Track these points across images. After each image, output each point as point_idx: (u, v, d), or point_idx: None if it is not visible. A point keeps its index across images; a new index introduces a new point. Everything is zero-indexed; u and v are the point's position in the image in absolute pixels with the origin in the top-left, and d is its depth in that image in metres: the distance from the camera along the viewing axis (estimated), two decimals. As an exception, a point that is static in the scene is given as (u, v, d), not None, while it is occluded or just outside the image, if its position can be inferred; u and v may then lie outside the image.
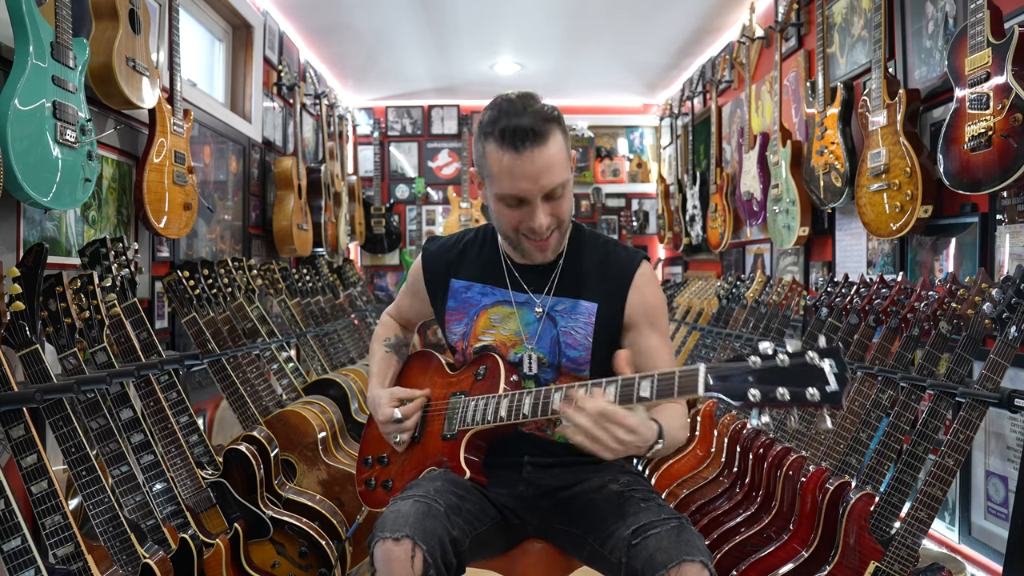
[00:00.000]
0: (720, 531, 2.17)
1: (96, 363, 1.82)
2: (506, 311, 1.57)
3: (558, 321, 1.54)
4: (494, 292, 1.59)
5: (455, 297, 1.62)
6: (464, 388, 1.56)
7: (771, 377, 1.08)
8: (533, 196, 1.39)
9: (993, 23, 1.89)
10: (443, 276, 1.64)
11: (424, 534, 1.28)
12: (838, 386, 1.04)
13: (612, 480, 1.53)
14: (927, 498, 1.70)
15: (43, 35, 1.75)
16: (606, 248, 1.59)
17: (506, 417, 1.42)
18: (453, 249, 1.66)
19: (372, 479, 1.63)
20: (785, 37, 3.47)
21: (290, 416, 2.60)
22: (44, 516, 1.44)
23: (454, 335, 1.62)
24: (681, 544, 1.26)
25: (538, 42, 4.55)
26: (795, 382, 1.06)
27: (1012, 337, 1.64)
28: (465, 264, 1.63)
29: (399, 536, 1.26)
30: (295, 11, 4.05)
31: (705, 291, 4.12)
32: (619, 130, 6.30)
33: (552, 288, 1.55)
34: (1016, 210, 2.07)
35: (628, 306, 1.52)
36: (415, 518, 1.30)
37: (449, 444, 1.51)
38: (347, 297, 4.51)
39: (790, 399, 1.06)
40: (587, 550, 1.45)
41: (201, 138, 3.07)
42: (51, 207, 1.78)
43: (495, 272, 1.60)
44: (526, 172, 1.37)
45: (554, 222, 1.44)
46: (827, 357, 1.05)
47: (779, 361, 1.08)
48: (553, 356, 1.54)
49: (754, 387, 1.09)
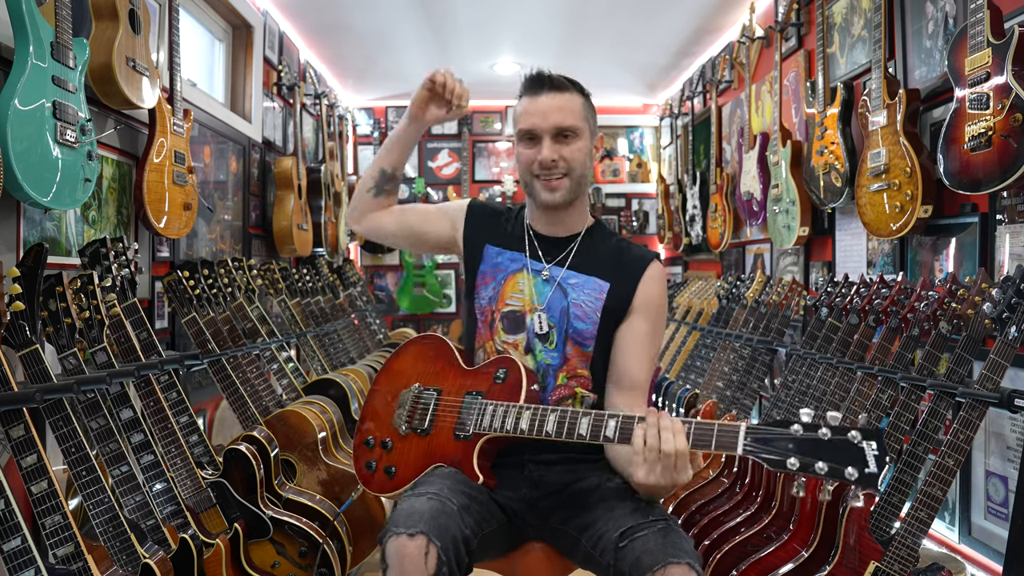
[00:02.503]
0: (720, 531, 2.17)
1: (96, 363, 1.82)
2: (526, 277, 1.65)
3: (569, 293, 1.60)
4: (520, 258, 1.67)
5: (487, 261, 1.69)
6: (481, 388, 1.55)
7: (811, 449, 1.12)
8: (542, 132, 1.55)
9: (993, 23, 1.89)
10: (482, 237, 1.72)
11: (439, 531, 1.28)
12: (876, 469, 1.08)
13: (608, 480, 1.53)
14: (927, 498, 1.70)
15: (43, 35, 1.75)
16: (621, 243, 1.68)
17: (527, 431, 1.41)
18: (494, 216, 1.75)
19: (373, 462, 1.59)
20: (785, 37, 3.47)
21: (290, 416, 2.60)
22: (44, 516, 1.44)
23: (481, 299, 1.67)
24: (667, 546, 1.27)
25: (538, 42, 4.55)
26: (834, 458, 1.10)
27: (1012, 337, 1.64)
28: (499, 233, 1.72)
29: (413, 532, 1.26)
30: (295, 11, 4.05)
31: (705, 291, 4.12)
32: (619, 130, 6.30)
33: (567, 262, 1.63)
34: (1016, 210, 2.07)
35: (636, 294, 1.58)
36: (430, 515, 1.30)
37: (462, 445, 1.49)
38: (347, 297, 4.51)
39: (827, 474, 1.10)
40: (581, 552, 1.46)
41: (201, 138, 3.07)
42: (51, 207, 1.78)
43: (520, 240, 1.69)
44: (538, 109, 1.55)
45: (562, 164, 1.56)
46: (869, 439, 1.09)
47: (821, 434, 1.12)
48: (562, 324, 1.59)
49: (793, 456, 1.13)
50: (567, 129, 1.55)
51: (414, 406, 1.59)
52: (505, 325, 1.63)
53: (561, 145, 1.56)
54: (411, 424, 1.57)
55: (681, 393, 3.18)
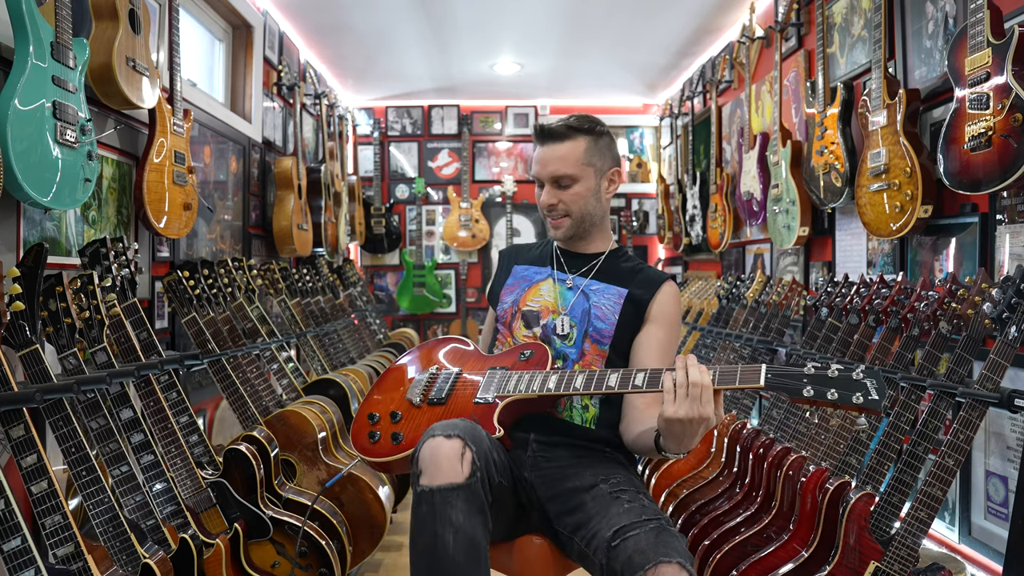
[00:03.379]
0: (720, 531, 2.17)
1: (96, 363, 1.82)
2: (551, 284, 1.82)
3: (591, 297, 1.77)
4: (546, 271, 1.86)
5: (514, 276, 1.90)
6: (505, 364, 1.63)
7: (823, 381, 1.27)
8: (543, 179, 1.77)
9: (993, 23, 1.89)
10: (509, 262, 1.95)
11: (475, 440, 1.33)
12: (878, 396, 1.23)
13: (604, 479, 1.55)
14: (927, 498, 1.70)
15: (43, 35, 1.75)
16: (640, 265, 1.84)
17: (553, 389, 1.48)
18: (524, 248, 1.99)
19: (376, 432, 1.55)
20: (785, 37, 3.47)
21: (290, 416, 2.60)
22: (44, 516, 1.44)
23: (504, 304, 1.84)
24: (659, 545, 1.29)
25: (538, 42, 4.55)
26: (843, 387, 1.26)
27: (1012, 337, 1.64)
28: (528, 256, 1.94)
29: (451, 434, 1.31)
30: (295, 11, 4.05)
31: (705, 291, 4.12)
32: (619, 130, 6.30)
33: (591, 274, 1.81)
34: (1016, 210, 2.07)
35: (652, 305, 1.73)
36: (466, 427, 1.35)
37: (481, 408, 1.52)
38: (347, 297, 4.51)
39: (838, 399, 1.25)
40: (576, 550, 1.48)
41: (201, 138, 3.07)
42: (51, 207, 1.78)
43: (548, 258, 1.89)
44: (540, 159, 1.77)
45: (561, 206, 1.76)
46: (870, 377, 1.25)
47: (830, 372, 1.27)
48: (583, 323, 1.73)
49: (808, 386, 1.27)
50: (562, 178, 1.74)
51: (431, 382, 1.64)
52: (524, 321, 1.79)
53: (560, 191, 1.75)
54: (426, 397, 1.59)
55: (681, 393, 3.17)
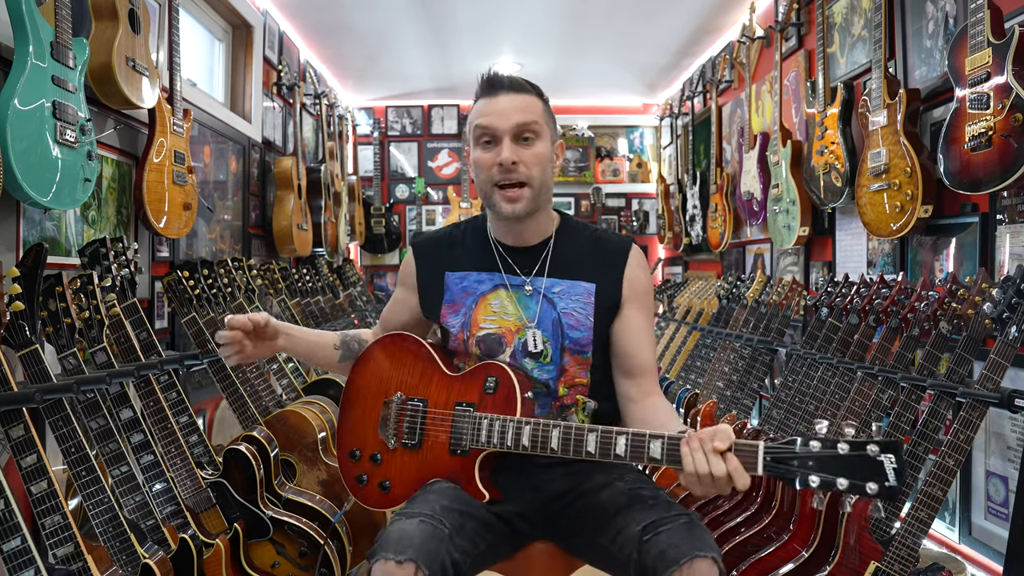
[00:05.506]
0: (720, 531, 2.17)
1: (96, 363, 1.82)
2: (504, 295, 1.55)
3: (557, 303, 1.53)
4: (491, 277, 1.57)
5: (451, 289, 1.59)
6: (471, 400, 1.46)
7: (830, 466, 1.12)
8: (501, 132, 1.45)
9: (993, 23, 1.89)
10: (438, 271, 1.60)
11: (428, 557, 1.25)
12: (896, 482, 1.08)
13: (618, 478, 1.51)
14: (927, 498, 1.70)
15: (43, 35, 1.75)
16: (595, 234, 1.61)
17: (529, 448, 1.37)
18: (443, 242, 1.64)
19: (363, 476, 1.53)
20: (785, 37, 3.47)
21: (290, 416, 2.60)
22: (44, 516, 1.44)
23: (453, 327, 1.57)
24: (693, 540, 1.26)
25: (538, 42, 4.55)
26: (854, 473, 1.10)
27: (1012, 337, 1.64)
28: (457, 256, 1.60)
29: (402, 559, 1.23)
30: (295, 11, 4.05)
31: (705, 291, 4.12)
32: (619, 130, 6.30)
33: (545, 270, 1.55)
34: (1016, 210, 2.07)
35: (624, 284, 1.54)
36: (420, 540, 1.26)
37: (459, 461, 1.44)
38: (347, 297, 4.51)
39: (848, 489, 1.11)
40: (596, 550, 1.44)
41: (201, 138, 3.07)
42: (51, 207, 1.78)
43: (487, 257, 1.58)
44: (496, 108, 1.46)
45: (522, 169, 1.46)
46: (887, 452, 1.09)
47: (840, 449, 1.12)
48: (556, 339, 1.52)
49: (814, 474, 1.12)
50: (528, 128, 1.46)
51: (399, 418, 1.51)
52: (482, 350, 1.53)
53: (522, 148, 1.46)
54: (399, 439, 1.51)
55: (681, 393, 3.17)
